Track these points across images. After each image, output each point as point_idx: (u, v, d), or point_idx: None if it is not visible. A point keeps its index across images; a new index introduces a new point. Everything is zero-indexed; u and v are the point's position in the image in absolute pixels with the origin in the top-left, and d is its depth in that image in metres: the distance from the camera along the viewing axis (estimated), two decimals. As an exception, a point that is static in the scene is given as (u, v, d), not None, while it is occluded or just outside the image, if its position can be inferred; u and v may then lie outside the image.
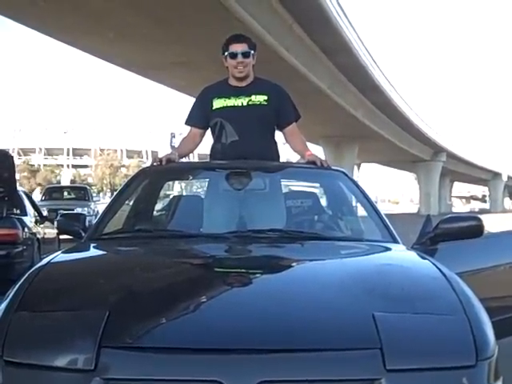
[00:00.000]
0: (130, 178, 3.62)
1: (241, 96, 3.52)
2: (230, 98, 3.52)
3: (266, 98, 3.51)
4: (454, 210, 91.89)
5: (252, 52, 3.56)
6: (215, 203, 3.19)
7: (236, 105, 3.51)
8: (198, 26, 17.70)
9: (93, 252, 2.68)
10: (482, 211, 71.54)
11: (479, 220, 2.90)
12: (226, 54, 3.54)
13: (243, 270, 2.30)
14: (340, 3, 21.76)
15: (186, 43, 19.34)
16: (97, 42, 19.95)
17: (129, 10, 16.47)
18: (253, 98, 3.51)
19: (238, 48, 3.52)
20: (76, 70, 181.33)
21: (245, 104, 3.51)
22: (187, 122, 3.69)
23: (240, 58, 3.50)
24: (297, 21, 20.56)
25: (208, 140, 3.76)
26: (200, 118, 3.64)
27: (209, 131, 3.71)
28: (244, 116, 3.49)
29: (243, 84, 3.56)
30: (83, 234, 2.96)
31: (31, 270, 2.18)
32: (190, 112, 3.70)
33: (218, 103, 3.54)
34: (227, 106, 3.52)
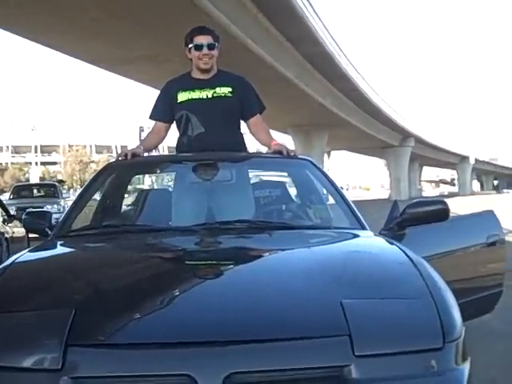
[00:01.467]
0: (96, 172, 3.57)
1: (205, 88, 3.49)
2: (194, 91, 3.49)
3: (230, 89, 3.49)
4: (424, 194, 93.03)
5: (216, 44, 3.53)
6: (183, 196, 3.17)
7: (201, 97, 3.48)
8: (163, 19, 17.55)
9: (59, 250, 2.64)
10: (451, 195, 72.62)
11: (445, 204, 2.93)
12: (191, 46, 3.50)
13: (211, 263, 2.30)
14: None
15: (151, 36, 19.18)
16: (62, 38, 19.66)
17: (93, 6, 16.26)
18: (217, 90, 3.48)
19: (203, 40, 3.48)
20: (42, 66, 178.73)
21: (209, 96, 3.48)
22: (152, 117, 3.66)
23: (205, 50, 3.46)
24: (262, 11, 20.52)
25: (175, 133, 3.72)
26: (164, 111, 3.60)
27: (174, 124, 3.68)
28: (209, 108, 3.46)
29: (207, 76, 3.53)
30: (49, 232, 2.92)
31: None
32: (154, 106, 3.66)
33: (182, 96, 3.50)
34: (192, 99, 3.49)
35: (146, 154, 3.55)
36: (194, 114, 3.48)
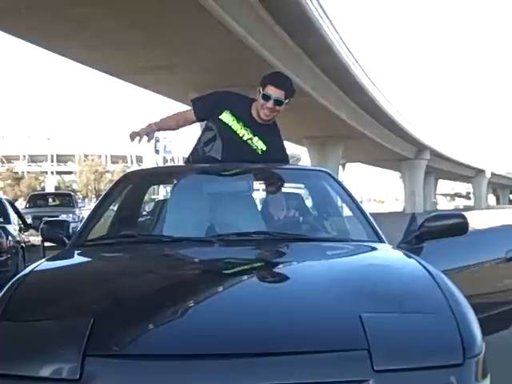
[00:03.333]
0: (113, 183, 3.59)
1: (248, 129, 3.44)
2: (238, 122, 3.45)
3: (264, 148, 3.43)
4: (439, 207, 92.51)
5: (286, 101, 3.42)
6: (200, 207, 3.17)
7: (238, 132, 3.44)
8: (180, 30, 17.68)
9: (76, 259, 2.65)
10: (467, 208, 72.10)
11: (464, 217, 2.91)
12: (261, 91, 3.40)
13: (229, 275, 2.28)
14: (321, 4, 21.81)
15: (167, 47, 19.30)
16: (78, 48, 19.87)
17: (109, 16, 16.42)
18: (254, 140, 3.43)
19: (274, 93, 3.36)
20: (59, 76, 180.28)
21: (244, 138, 3.43)
22: (194, 103, 3.63)
23: (270, 104, 3.37)
24: (278, 22, 20.58)
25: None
26: (204, 110, 3.59)
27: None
28: (237, 147, 3.42)
29: (260, 121, 3.46)
30: (67, 241, 2.93)
31: (14, 280, 2.15)
32: (203, 98, 3.65)
33: (226, 117, 3.47)
34: (230, 127, 3.45)
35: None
36: (222, 139, 3.46)
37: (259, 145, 3.44)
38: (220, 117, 3.48)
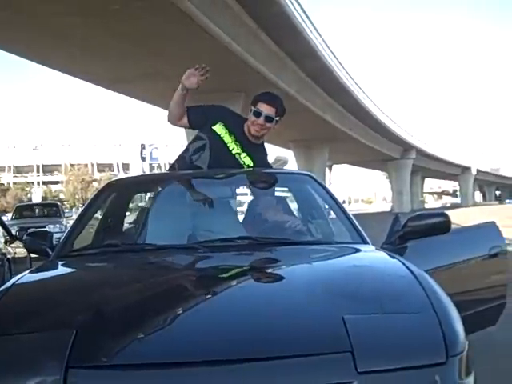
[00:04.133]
0: (96, 192, 3.57)
1: (239, 144, 3.48)
2: (230, 136, 3.49)
3: (251, 165, 3.47)
4: (427, 206, 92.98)
5: (277, 119, 3.50)
6: (183, 214, 3.16)
7: (228, 146, 3.48)
8: (164, 38, 17.70)
9: (60, 270, 2.63)
10: (454, 206, 72.51)
11: (446, 216, 2.93)
12: (252, 108, 3.47)
13: (212, 281, 2.27)
14: (304, 9, 21.92)
15: (151, 55, 19.31)
16: (60, 58, 19.84)
17: (92, 26, 16.39)
18: (242, 155, 3.47)
19: (265, 110, 3.44)
20: (42, 85, 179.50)
21: (233, 152, 3.47)
22: (188, 111, 3.63)
23: (261, 121, 3.44)
24: (262, 28, 20.67)
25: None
26: (198, 119, 3.61)
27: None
28: (224, 159, 3.44)
29: (251, 138, 3.52)
30: (50, 253, 2.91)
31: None
32: (198, 109, 3.66)
33: (219, 128, 3.50)
34: (222, 139, 3.49)
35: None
36: (211, 150, 3.48)
37: (246, 160, 3.47)
38: (213, 127, 3.51)
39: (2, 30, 16.43)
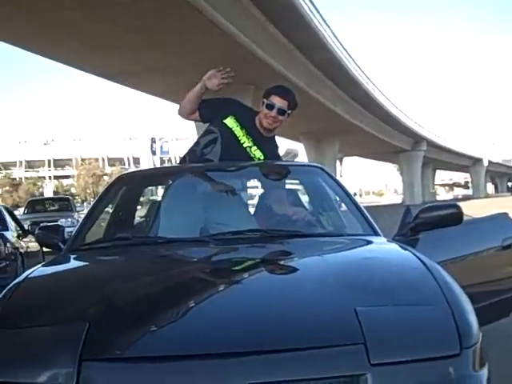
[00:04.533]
0: (107, 185, 3.58)
1: (250, 137, 3.49)
2: (242, 130, 3.49)
3: (262, 158, 3.48)
4: (438, 198, 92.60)
5: (289, 112, 3.51)
6: (194, 207, 3.16)
7: (240, 139, 3.48)
8: (172, 31, 17.67)
9: (72, 264, 2.65)
10: (466, 197, 72.18)
11: (458, 207, 2.91)
12: (265, 101, 3.47)
13: (224, 273, 2.27)
14: (312, 1, 21.83)
15: (160, 48, 19.28)
16: (69, 51, 19.83)
17: (100, 19, 16.40)
18: (253, 148, 3.48)
19: (277, 102, 3.45)
20: (52, 80, 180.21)
21: (244, 146, 3.48)
22: (199, 105, 3.63)
23: (274, 113, 3.44)
24: (270, 20, 20.61)
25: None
26: (209, 113, 3.61)
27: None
28: (236, 153, 3.45)
29: (262, 131, 3.52)
30: (62, 246, 2.92)
31: (9, 286, 2.14)
32: (210, 102, 3.65)
33: (230, 121, 3.50)
34: (233, 132, 3.49)
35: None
36: (222, 143, 3.48)
37: (257, 154, 3.48)
38: (224, 121, 3.51)
39: (12, 26, 16.47)
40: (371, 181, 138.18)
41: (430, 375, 1.67)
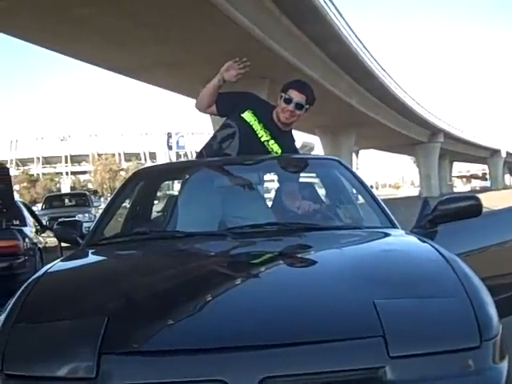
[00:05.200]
0: (124, 181, 3.59)
1: (268, 131, 3.49)
2: (259, 123, 3.49)
3: (279, 152, 3.48)
4: (455, 190, 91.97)
5: (307, 106, 3.50)
6: (211, 201, 3.16)
7: (257, 133, 3.49)
8: (186, 25, 17.67)
9: (90, 258, 2.66)
10: (483, 189, 71.58)
11: (477, 199, 2.88)
12: (283, 95, 3.47)
13: (242, 267, 2.28)
14: (326, -9, 21.73)
15: (174, 43, 19.31)
16: (82, 47, 19.93)
17: (113, 14, 16.44)
18: (271, 142, 3.48)
19: (295, 96, 3.45)
20: (69, 76, 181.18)
21: (262, 140, 3.48)
22: (219, 96, 3.64)
23: (291, 107, 3.44)
24: (284, 13, 20.53)
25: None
26: (227, 106, 3.61)
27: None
28: (253, 147, 3.45)
29: (280, 125, 3.52)
30: (80, 241, 2.94)
31: (28, 281, 2.16)
32: (227, 96, 3.65)
33: (248, 116, 3.51)
34: (251, 126, 3.49)
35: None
36: (240, 137, 3.47)
37: (275, 148, 3.48)
38: (242, 115, 3.52)
39: (19, 21, 16.53)
40: (388, 173, 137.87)
41: (449, 368, 1.66)
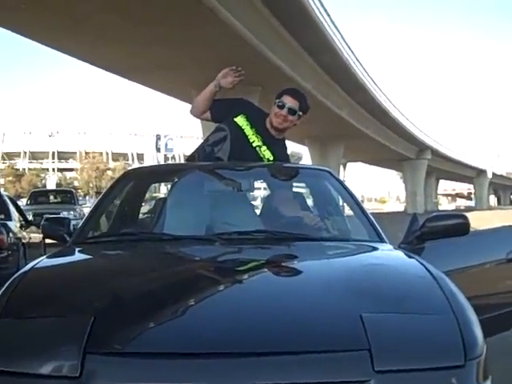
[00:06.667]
0: (114, 180, 3.58)
1: (260, 137, 3.51)
2: (251, 129, 3.51)
3: (271, 159, 3.49)
4: (440, 207, 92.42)
5: (299, 113, 3.54)
6: (200, 205, 3.16)
7: (249, 138, 3.50)
8: (181, 28, 17.64)
9: (77, 256, 2.64)
10: (468, 209, 72.03)
11: (465, 218, 2.90)
12: (276, 101, 3.51)
13: (229, 273, 2.27)
14: (322, 3, 21.81)
15: (168, 45, 19.26)
16: (78, 45, 19.83)
17: (110, 13, 16.38)
18: (263, 148, 3.49)
19: (289, 102, 3.49)
20: (60, 72, 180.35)
21: (254, 145, 3.49)
22: (214, 104, 3.68)
23: (284, 112, 3.48)
24: (280, 20, 20.58)
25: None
26: (220, 112, 3.64)
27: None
28: (245, 152, 3.46)
29: (272, 132, 3.55)
30: (68, 239, 2.92)
31: (14, 277, 2.14)
32: (221, 101, 3.69)
33: (241, 120, 3.53)
34: (243, 131, 3.51)
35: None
36: (232, 141, 3.48)
37: (266, 154, 3.49)
38: (235, 119, 3.53)
39: (17, 16, 16.45)
40: (374, 187, 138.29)
41: None
